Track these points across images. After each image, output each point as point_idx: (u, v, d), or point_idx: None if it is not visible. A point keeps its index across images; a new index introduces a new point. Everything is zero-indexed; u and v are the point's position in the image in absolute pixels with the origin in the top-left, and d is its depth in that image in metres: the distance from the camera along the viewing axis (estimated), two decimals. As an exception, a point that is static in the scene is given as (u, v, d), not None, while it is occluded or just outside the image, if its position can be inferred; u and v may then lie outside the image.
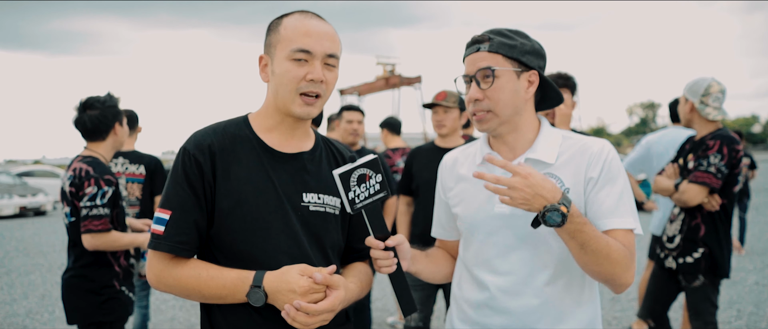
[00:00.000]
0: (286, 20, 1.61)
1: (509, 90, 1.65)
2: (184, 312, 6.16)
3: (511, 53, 1.65)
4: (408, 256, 1.68)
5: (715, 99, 3.40)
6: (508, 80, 1.65)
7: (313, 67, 1.56)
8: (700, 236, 3.42)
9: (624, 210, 1.62)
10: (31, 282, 7.98)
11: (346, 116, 4.74)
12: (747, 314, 5.58)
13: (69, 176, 2.93)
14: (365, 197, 1.55)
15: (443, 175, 1.92)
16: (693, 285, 3.49)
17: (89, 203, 2.84)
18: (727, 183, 3.40)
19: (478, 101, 1.67)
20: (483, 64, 1.65)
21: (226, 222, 1.57)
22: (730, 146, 3.35)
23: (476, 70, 1.66)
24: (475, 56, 1.68)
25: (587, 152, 1.68)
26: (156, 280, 1.57)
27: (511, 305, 1.68)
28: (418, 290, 3.65)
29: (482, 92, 1.66)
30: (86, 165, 2.93)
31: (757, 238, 10.37)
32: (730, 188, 3.41)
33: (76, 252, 2.94)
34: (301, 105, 1.58)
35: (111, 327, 2.99)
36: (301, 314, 1.47)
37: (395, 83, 38.48)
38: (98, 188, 2.86)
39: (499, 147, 1.76)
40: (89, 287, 2.92)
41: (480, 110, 1.68)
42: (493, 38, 1.66)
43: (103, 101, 3.00)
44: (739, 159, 3.40)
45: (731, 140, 3.36)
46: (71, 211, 2.93)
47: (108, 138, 3.05)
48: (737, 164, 3.39)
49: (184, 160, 1.57)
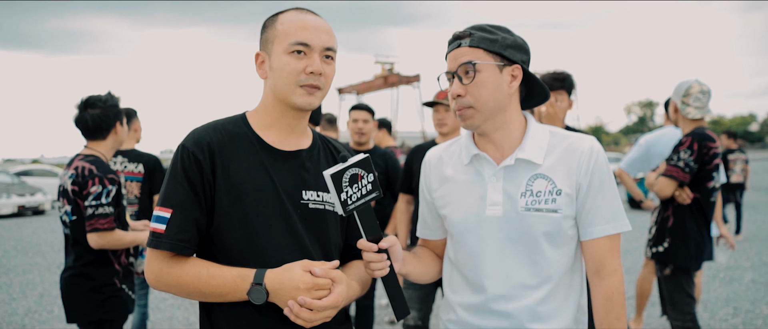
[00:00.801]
0: (282, 16, 1.61)
1: (491, 85, 1.63)
2: (182, 310, 6.17)
3: (493, 47, 1.63)
4: (400, 258, 1.66)
5: (696, 99, 3.63)
6: (490, 75, 1.63)
7: (312, 60, 1.57)
8: (668, 227, 3.70)
9: (614, 215, 1.67)
10: (29, 281, 7.98)
11: (352, 114, 4.67)
12: (743, 311, 5.60)
13: (71, 175, 2.93)
14: (358, 197, 1.52)
15: (427, 174, 1.87)
16: (665, 274, 3.73)
17: (95, 202, 2.84)
18: (700, 178, 3.60)
19: (460, 97, 1.65)
20: (464, 59, 1.63)
21: (225, 220, 1.56)
22: (701, 142, 3.54)
23: (457, 66, 1.65)
24: (456, 52, 1.66)
25: (576, 152, 1.67)
26: (155, 279, 1.55)
27: (505, 307, 1.67)
28: (418, 288, 3.65)
29: (464, 87, 1.63)
30: (89, 164, 2.92)
31: (754, 236, 10.39)
32: (703, 184, 3.60)
33: (77, 251, 2.94)
34: (302, 95, 1.58)
35: (112, 325, 2.99)
36: (305, 310, 1.46)
37: (394, 81, 38.47)
38: (103, 187, 2.86)
39: (485, 146, 1.73)
40: (90, 285, 2.92)
41: (462, 106, 1.66)
42: (473, 33, 1.64)
43: (104, 100, 3.02)
44: (711, 156, 3.55)
45: (703, 137, 3.54)
46: (72, 209, 2.92)
47: (109, 137, 3.06)
48: (710, 160, 3.55)
49: (183, 157, 1.55)
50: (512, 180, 1.67)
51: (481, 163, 1.73)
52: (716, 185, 3.65)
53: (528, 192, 1.65)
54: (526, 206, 1.64)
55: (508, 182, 1.67)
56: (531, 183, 1.66)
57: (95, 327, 2.96)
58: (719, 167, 3.64)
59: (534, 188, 1.65)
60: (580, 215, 1.68)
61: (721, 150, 3.61)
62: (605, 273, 1.66)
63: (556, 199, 1.64)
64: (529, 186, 1.66)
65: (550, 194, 1.64)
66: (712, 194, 3.65)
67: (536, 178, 1.66)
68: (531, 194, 1.65)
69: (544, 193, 1.65)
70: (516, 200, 1.65)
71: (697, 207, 3.64)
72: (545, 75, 3.50)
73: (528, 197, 1.65)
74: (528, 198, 1.65)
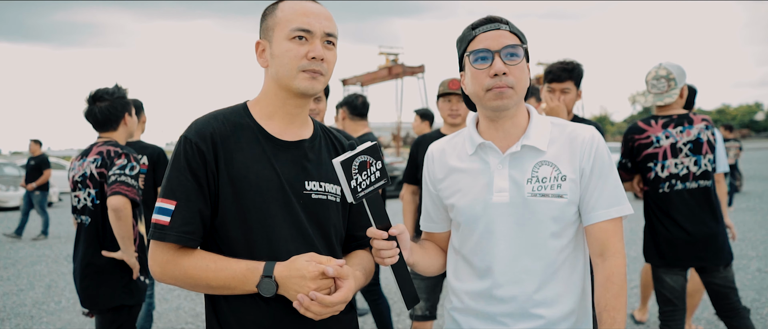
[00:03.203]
0: (282, 4, 1.62)
1: (526, 72, 1.71)
2: (189, 301, 6.20)
3: (524, 40, 1.72)
4: (408, 246, 1.68)
5: (652, 86, 3.51)
6: (525, 63, 1.71)
7: (313, 45, 1.57)
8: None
9: (616, 199, 1.70)
10: (37, 272, 8.03)
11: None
12: (749, 301, 5.59)
13: (93, 160, 3.02)
14: (367, 185, 1.52)
15: (431, 166, 1.90)
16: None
17: (119, 171, 2.96)
18: (640, 171, 3.54)
19: (505, 76, 1.65)
20: (508, 41, 1.67)
21: (228, 211, 1.55)
22: (625, 137, 3.56)
23: (502, 47, 1.66)
24: (497, 34, 1.68)
25: (578, 140, 1.72)
26: (161, 272, 1.54)
27: (511, 292, 1.70)
28: (425, 278, 3.65)
29: (509, 67, 1.66)
30: (111, 146, 3.07)
31: (760, 225, 10.36)
32: (645, 175, 3.50)
33: (99, 238, 3.01)
34: (304, 79, 1.58)
35: (130, 311, 3.04)
36: (315, 304, 1.46)
37: (398, 72, 38.43)
38: (128, 161, 3.01)
39: (492, 134, 1.76)
40: (112, 272, 2.99)
41: (503, 85, 1.65)
42: (509, 22, 1.72)
43: (111, 93, 3.13)
44: (637, 148, 3.49)
45: (628, 131, 3.56)
46: (97, 193, 3.01)
47: (119, 128, 3.19)
48: (637, 152, 3.49)
49: (185, 148, 1.55)
50: (518, 167, 1.71)
51: (486, 152, 1.76)
52: (661, 174, 3.41)
53: (534, 178, 1.69)
54: (532, 192, 1.67)
55: (514, 169, 1.71)
56: (536, 170, 1.69)
57: (114, 313, 2.99)
58: (660, 156, 3.41)
59: (539, 175, 1.69)
60: (583, 200, 1.71)
61: (656, 140, 3.41)
62: (609, 253, 1.69)
63: (561, 185, 1.68)
64: (534, 173, 1.69)
65: (555, 180, 1.68)
66: (660, 185, 3.42)
67: (541, 165, 1.70)
68: (537, 180, 1.68)
69: (549, 179, 1.68)
70: (522, 187, 1.68)
71: (651, 201, 3.50)
72: (554, 65, 3.45)
73: (534, 183, 1.68)
74: (534, 184, 1.68)
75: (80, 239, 3.07)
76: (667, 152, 3.40)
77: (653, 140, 3.42)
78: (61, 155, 60.46)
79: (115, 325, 3.01)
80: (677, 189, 3.39)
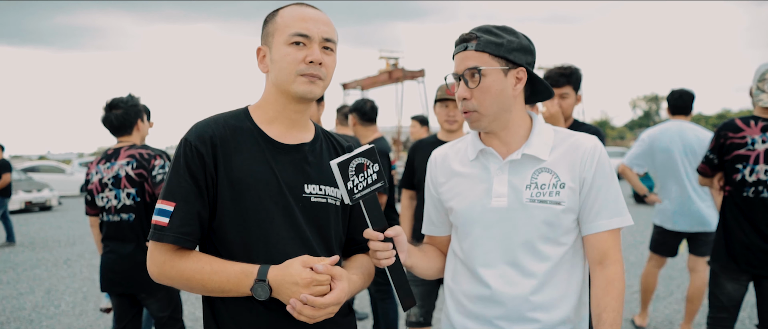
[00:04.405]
0: (282, 10, 1.64)
1: (496, 89, 1.68)
2: (188, 305, 6.19)
3: (498, 51, 1.66)
4: (405, 249, 1.69)
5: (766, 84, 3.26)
6: (495, 79, 1.67)
7: (311, 50, 1.59)
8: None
9: (617, 210, 1.72)
10: (36, 276, 8.03)
11: None
12: (751, 306, 5.59)
13: (127, 162, 3.33)
14: (363, 187, 1.54)
15: (433, 171, 1.93)
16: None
17: (161, 171, 3.32)
18: (723, 169, 3.43)
19: (466, 101, 1.71)
20: (470, 63, 1.67)
21: (227, 214, 1.57)
22: (717, 133, 3.38)
23: (464, 70, 1.69)
24: (462, 55, 1.70)
25: (580, 149, 1.73)
26: (158, 272, 1.57)
27: (507, 296, 1.71)
28: (420, 284, 3.65)
29: (470, 91, 1.69)
30: (142, 149, 3.40)
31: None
32: (730, 176, 3.38)
33: (146, 230, 3.26)
34: (303, 83, 1.59)
35: (168, 290, 3.40)
36: (308, 307, 1.47)
37: (398, 76, 38.43)
38: (164, 161, 3.37)
39: (491, 141, 1.79)
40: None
41: (468, 110, 1.72)
42: (480, 37, 1.68)
43: (125, 101, 3.47)
44: (727, 146, 3.36)
45: (722, 127, 3.37)
46: (137, 191, 3.31)
47: (133, 133, 3.51)
48: (727, 150, 3.36)
49: (185, 151, 1.57)
50: (517, 173, 1.72)
51: (487, 158, 1.78)
52: (748, 178, 3.20)
53: (532, 185, 1.70)
54: (530, 197, 1.69)
55: (514, 175, 1.73)
56: (535, 176, 1.71)
57: (166, 291, 3.37)
58: (751, 160, 3.20)
59: (538, 181, 1.70)
60: (584, 210, 1.72)
61: (751, 142, 3.18)
62: (609, 262, 1.71)
63: (560, 192, 1.69)
64: (533, 179, 1.71)
65: (553, 187, 1.69)
66: (745, 189, 3.22)
67: (541, 171, 1.71)
68: (535, 187, 1.70)
69: (548, 186, 1.70)
70: (520, 192, 1.70)
71: (732, 203, 3.30)
72: (552, 70, 3.45)
73: (532, 189, 1.70)
74: (532, 190, 1.70)
75: (124, 234, 3.34)
76: (759, 157, 3.18)
77: (748, 142, 3.22)
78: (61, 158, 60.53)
79: (172, 304, 3.46)
80: (762, 196, 3.19)
